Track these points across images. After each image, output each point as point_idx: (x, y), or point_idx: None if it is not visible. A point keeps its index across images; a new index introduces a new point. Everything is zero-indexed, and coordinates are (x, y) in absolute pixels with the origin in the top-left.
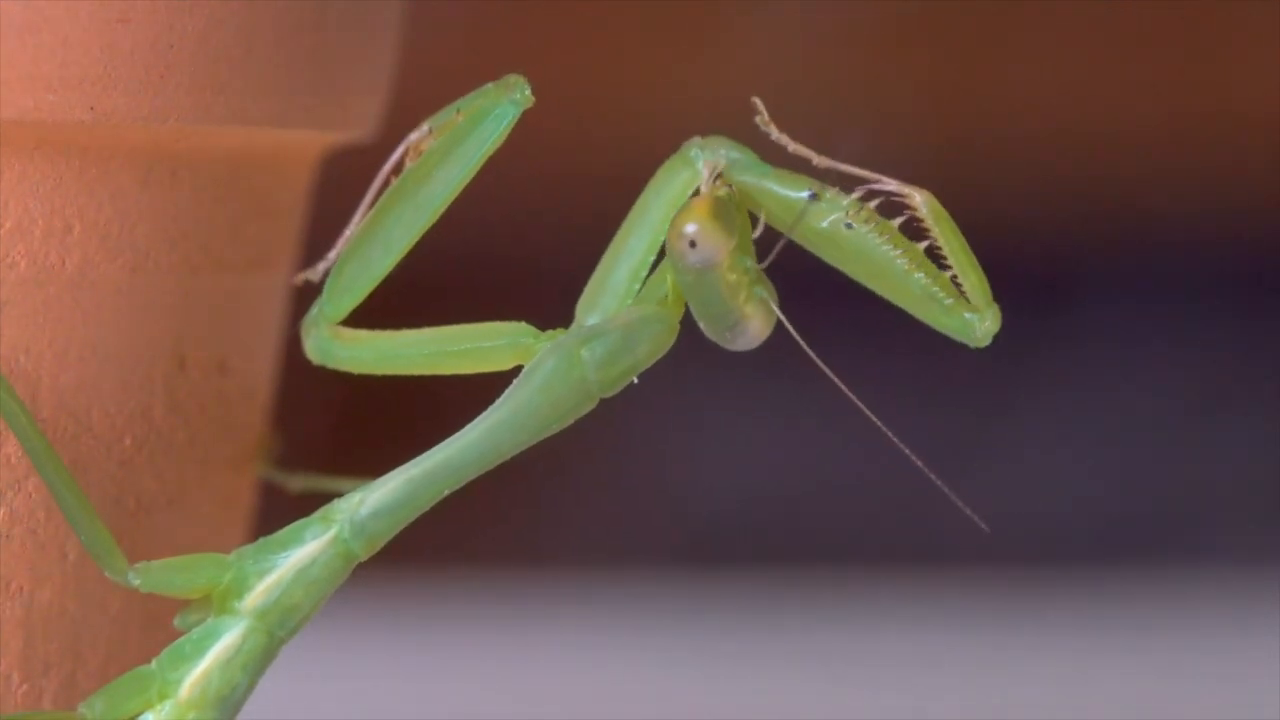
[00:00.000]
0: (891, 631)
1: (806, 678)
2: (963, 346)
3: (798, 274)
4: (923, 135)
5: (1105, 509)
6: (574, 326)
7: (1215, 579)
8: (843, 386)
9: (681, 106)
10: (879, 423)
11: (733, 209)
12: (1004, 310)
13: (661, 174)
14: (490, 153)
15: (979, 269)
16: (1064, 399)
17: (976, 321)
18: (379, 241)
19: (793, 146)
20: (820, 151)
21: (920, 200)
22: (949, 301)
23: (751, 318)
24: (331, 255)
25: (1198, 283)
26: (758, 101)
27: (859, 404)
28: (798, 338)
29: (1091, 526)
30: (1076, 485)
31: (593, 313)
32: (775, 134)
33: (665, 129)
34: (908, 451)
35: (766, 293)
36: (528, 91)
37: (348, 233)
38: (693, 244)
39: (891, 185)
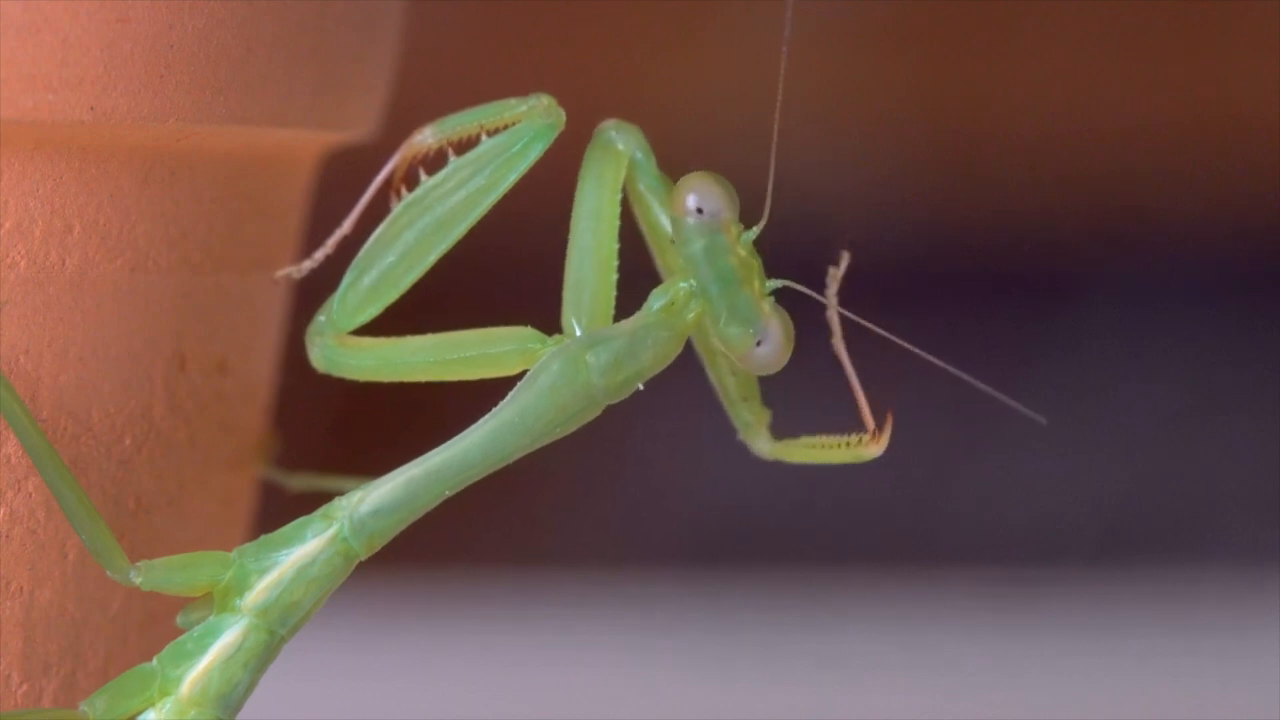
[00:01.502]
0: (892, 632)
1: (806, 678)
2: (964, 346)
3: (802, 276)
4: (923, 135)
5: (1106, 509)
6: (566, 332)
7: (1215, 579)
8: (873, 333)
9: (682, 106)
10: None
11: (728, 184)
12: (1003, 311)
13: (590, 163)
14: (520, 177)
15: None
16: (1064, 399)
17: (753, 429)
18: (400, 257)
19: (832, 309)
20: (822, 150)
21: (866, 439)
22: (738, 398)
23: (770, 319)
24: (319, 255)
25: (1198, 283)
26: (846, 255)
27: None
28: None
29: (1092, 526)
30: (1077, 485)
31: (579, 317)
32: (832, 288)
33: (666, 128)
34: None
35: (779, 313)
36: (562, 116)
37: (339, 233)
38: (699, 210)
39: (860, 399)
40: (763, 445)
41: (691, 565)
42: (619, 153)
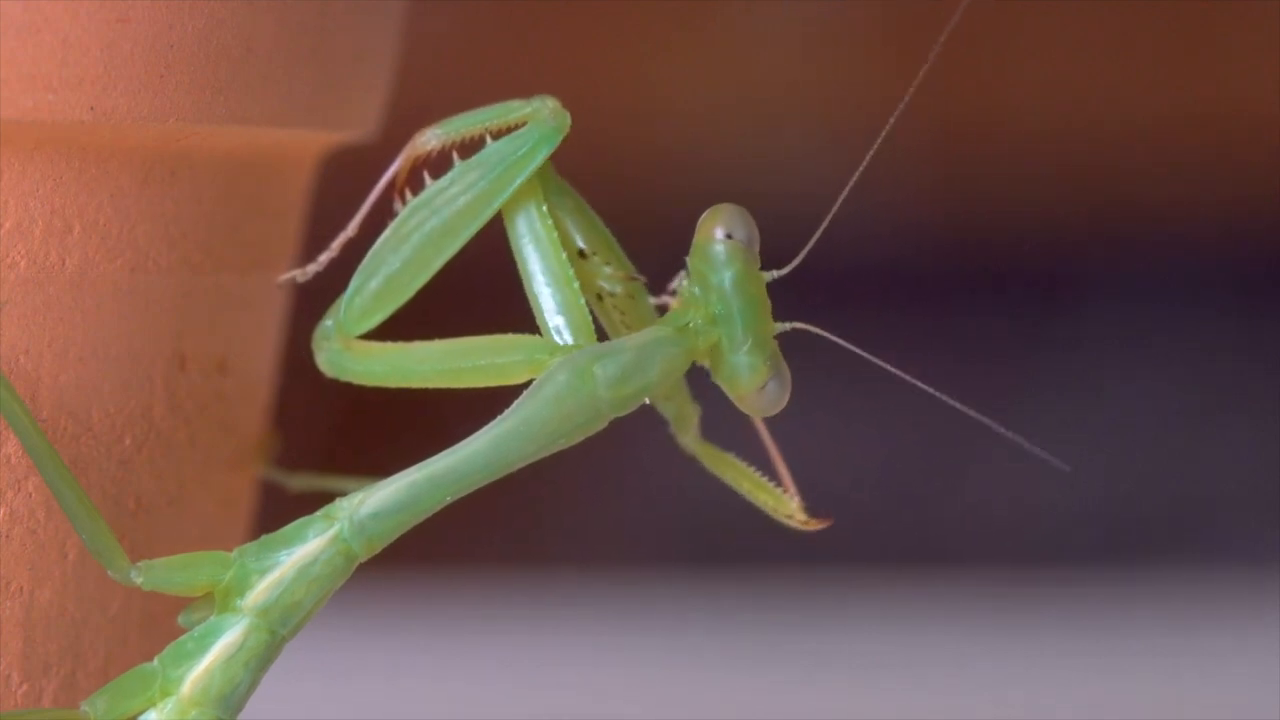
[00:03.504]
0: (892, 632)
1: (806, 678)
2: (964, 346)
3: (802, 276)
4: (924, 136)
5: (1106, 509)
6: (553, 348)
7: (1215, 579)
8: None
9: (681, 106)
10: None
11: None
12: (1004, 312)
13: (513, 196)
14: (526, 180)
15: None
16: (1065, 399)
17: (681, 422)
18: (406, 262)
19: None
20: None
21: (796, 507)
22: (661, 394)
23: (781, 360)
24: (324, 258)
25: (1198, 282)
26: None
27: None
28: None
29: (1092, 526)
30: (1078, 486)
31: (561, 338)
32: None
33: (666, 128)
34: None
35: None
36: (567, 119)
37: (343, 236)
38: (729, 235)
39: (783, 472)
40: (688, 440)
41: (691, 565)
42: (527, 168)
